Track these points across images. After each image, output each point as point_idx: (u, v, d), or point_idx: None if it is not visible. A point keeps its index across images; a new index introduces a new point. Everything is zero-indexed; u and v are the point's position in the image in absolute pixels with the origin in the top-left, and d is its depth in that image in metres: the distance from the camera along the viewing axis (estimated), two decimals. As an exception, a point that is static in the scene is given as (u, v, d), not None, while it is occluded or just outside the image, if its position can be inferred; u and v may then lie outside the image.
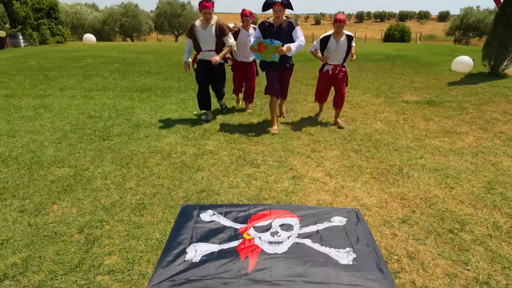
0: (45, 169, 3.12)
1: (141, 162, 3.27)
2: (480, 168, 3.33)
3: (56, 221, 2.35)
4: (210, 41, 4.10)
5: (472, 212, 2.57)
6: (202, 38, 4.09)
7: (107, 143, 3.75)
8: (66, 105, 5.30)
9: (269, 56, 3.90)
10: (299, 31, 3.91)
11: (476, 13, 27.61)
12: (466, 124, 4.69)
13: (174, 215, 2.44)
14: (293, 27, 3.87)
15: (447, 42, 30.61)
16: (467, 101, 5.97)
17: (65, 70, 8.87)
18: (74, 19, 25.81)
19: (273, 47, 3.77)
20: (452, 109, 5.49)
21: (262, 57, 3.96)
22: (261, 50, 3.88)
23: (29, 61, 10.51)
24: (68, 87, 6.69)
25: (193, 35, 4.10)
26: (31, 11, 15.79)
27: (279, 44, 3.77)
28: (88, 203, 2.57)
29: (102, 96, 5.94)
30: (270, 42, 3.76)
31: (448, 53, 13.50)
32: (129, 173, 3.06)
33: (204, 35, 4.07)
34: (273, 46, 3.77)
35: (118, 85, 6.88)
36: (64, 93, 6.13)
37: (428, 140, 4.08)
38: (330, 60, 4.31)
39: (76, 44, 17.38)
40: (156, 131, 4.14)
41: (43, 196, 2.66)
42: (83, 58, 11.40)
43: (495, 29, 8.46)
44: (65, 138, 3.88)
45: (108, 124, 4.36)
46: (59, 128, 4.22)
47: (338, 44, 4.18)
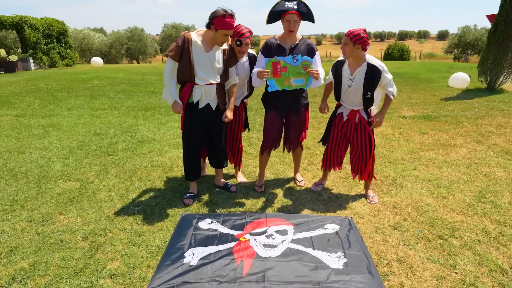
0: (53, 182, 3.27)
1: (143, 176, 3.41)
2: (472, 178, 3.42)
3: (62, 229, 2.47)
4: (214, 71, 2.63)
5: (462, 219, 2.64)
6: (201, 65, 2.57)
7: (111, 158, 3.92)
8: (74, 123, 5.52)
9: (291, 83, 2.64)
10: (319, 60, 2.77)
11: (473, 32, 28.24)
12: (460, 137, 4.79)
13: (174, 223, 2.55)
14: (314, 52, 2.72)
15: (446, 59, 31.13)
16: (463, 116, 6.10)
17: (73, 91, 9.22)
18: (83, 43, 26.78)
19: (299, 66, 2.57)
20: (448, 123, 5.61)
21: (279, 85, 2.64)
22: (277, 73, 2.60)
23: (39, 83, 10.94)
24: (75, 107, 6.96)
25: (186, 57, 2.54)
26: (42, 37, 16.53)
27: (309, 62, 2.59)
28: (92, 213, 2.70)
29: (108, 115, 6.18)
30: (292, 60, 2.57)
31: (446, 70, 13.78)
32: (132, 185, 3.20)
33: (206, 60, 2.57)
34: (298, 65, 2.57)
35: (124, 105, 7.14)
36: (72, 113, 6.39)
37: (423, 153, 4.18)
38: (344, 100, 2.83)
39: (84, 67, 18.02)
40: (159, 147, 4.31)
41: (50, 207, 2.79)
42: (90, 80, 11.83)
43: (489, 47, 8.71)
44: (72, 154, 4.05)
45: (113, 141, 4.55)
46: (67, 145, 4.41)
47: (352, 78, 2.66)
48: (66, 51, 18.36)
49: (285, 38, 2.70)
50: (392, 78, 2.67)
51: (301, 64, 2.57)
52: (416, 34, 76.32)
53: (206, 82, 2.62)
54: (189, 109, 2.71)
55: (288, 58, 2.56)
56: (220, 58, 2.65)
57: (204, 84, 2.62)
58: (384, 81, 2.64)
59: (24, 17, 15.56)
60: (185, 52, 2.55)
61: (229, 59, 2.70)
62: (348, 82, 2.69)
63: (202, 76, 2.60)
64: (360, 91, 2.66)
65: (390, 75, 2.65)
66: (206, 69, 2.60)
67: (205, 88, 2.64)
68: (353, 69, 2.66)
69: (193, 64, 2.56)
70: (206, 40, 2.58)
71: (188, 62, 2.55)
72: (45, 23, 16.81)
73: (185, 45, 2.54)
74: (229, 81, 2.78)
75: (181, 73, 2.61)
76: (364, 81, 2.61)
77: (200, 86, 2.62)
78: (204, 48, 2.58)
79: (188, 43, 2.54)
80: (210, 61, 2.59)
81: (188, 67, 2.56)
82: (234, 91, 2.81)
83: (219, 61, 2.63)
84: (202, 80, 2.62)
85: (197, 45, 2.56)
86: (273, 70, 2.60)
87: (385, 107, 2.74)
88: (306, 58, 2.58)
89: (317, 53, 2.77)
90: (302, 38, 2.73)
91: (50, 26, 17.16)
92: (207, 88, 2.64)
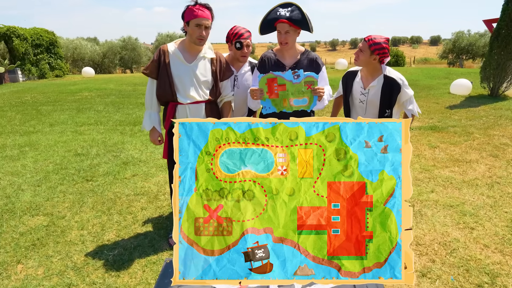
0: (17, 218, 2.80)
1: (124, 207, 2.96)
2: (499, 202, 3.02)
3: (16, 286, 2.01)
4: (200, 85, 2.18)
5: (500, 259, 2.23)
6: (182, 78, 2.14)
7: (90, 184, 3.46)
8: (54, 142, 5.06)
9: (290, 103, 2.10)
10: (326, 77, 2.29)
11: (467, 37, 28.28)
12: (475, 151, 4.42)
13: (156, 274, 2.10)
14: (319, 68, 2.26)
15: (440, 64, 31.17)
16: (471, 126, 5.75)
17: (59, 104, 8.76)
18: (75, 53, 26.36)
19: (301, 84, 2.05)
20: (457, 134, 5.25)
21: (277, 106, 2.14)
22: (273, 92, 2.08)
23: (25, 96, 10.46)
24: (59, 122, 6.50)
25: (164, 71, 2.13)
26: (31, 47, 16.09)
27: (313, 79, 2.06)
28: (57, 261, 2.24)
29: (92, 131, 5.72)
30: (292, 76, 2.04)
31: (445, 76, 13.54)
32: (110, 220, 2.75)
33: (189, 72, 2.14)
34: (300, 82, 2.04)
35: (111, 119, 6.69)
36: (54, 129, 5.92)
37: (437, 171, 3.79)
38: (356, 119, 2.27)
39: (74, 78, 17.56)
40: (145, 169, 3.86)
41: (8, 254, 2.33)
42: (79, 91, 11.37)
43: (491, 52, 8.45)
44: (46, 180, 3.59)
45: (94, 163, 4.09)
46: (42, 168, 3.95)
47: (366, 92, 2.25)
48: (56, 62, 17.91)
49: (283, 52, 2.26)
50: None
51: (303, 81, 2.05)
52: (409, 39, 77.02)
53: (191, 99, 2.18)
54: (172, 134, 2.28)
55: (287, 74, 2.05)
56: (208, 69, 2.19)
57: (189, 102, 2.18)
58: (403, 98, 2.24)
59: (12, 28, 15.12)
60: (162, 66, 2.14)
61: (221, 71, 2.25)
62: (361, 97, 2.28)
63: (185, 93, 2.16)
64: (375, 108, 2.26)
65: (411, 91, 2.25)
66: (189, 83, 2.15)
67: (191, 107, 2.19)
68: (367, 82, 2.24)
69: (172, 78, 2.14)
70: (187, 49, 2.17)
71: (166, 76, 2.13)
72: (34, 33, 16.38)
73: (162, 59, 2.14)
74: (223, 98, 2.34)
75: (161, 91, 2.18)
76: (380, 97, 2.21)
77: (184, 105, 2.18)
78: (185, 58, 2.16)
79: (164, 55, 2.15)
80: (193, 72, 2.15)
81: (168, 83, 2.14)
82: (229, 109, 2.35)
83: (205, 72, 2.19)
84: (185, 98, 2.17)
85: (175, 56, 2.15)
86: (268, 88, 2.08)
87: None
88: (310, 74, 2.07)
89: (323, 69, 2.30)
90: (305, 51, 2.28)
91: (40, 36, 16.73)
92: (193, 108, 2.19)
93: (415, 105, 2.29)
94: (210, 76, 2.22)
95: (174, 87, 2.15)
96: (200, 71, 2.17)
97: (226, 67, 2.30)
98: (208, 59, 2.22)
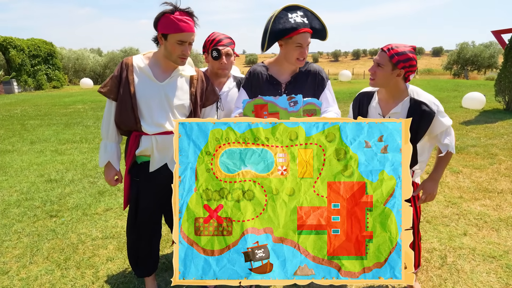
0: (-50, 272, 2.25)
1: (86, 257, 2.39)
2: (551, 251, 2.43)
3: None
4: (173, 110, 1.67)
5: None
6: (149, 101, 1.63)
7: (53, 222, 2.91)
8: (28, 164, 4.53)
9: None
10: (332, 95, 1.83)
11: (472, 48, 27.92)
12: (504, 178, 3.84)
13: None
14: (323, 83, 1.80)
15: (444, 75, 30.72)
16: (493, 145, 5.18)
17: (48, 118, 8.29)
18: (76, 64, 26.23)
19: (299, 113, 1.54)
20: (480, 156, 4.68)
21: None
22: None
23: (15, 109, 10.03)
24: (41, 139, 6.00)
25: (126, 90, 1.62)
26: (28, 58, 15.80)
27: (315, 107, 1.57)
28: None
29: (74, 150, 5.20)
30: (287, 102, 1.54)
31: (453, 88, 13.04)
32: (64, 277, 2.18)
33: (159, 93, 1.64)
34: (298, 111, 1.54)
35: (98, 135, 6.19)
36: (33, 147, 5.42)
37: (466, 204, 3.21)
38: None
39: (72, 89, 17.22)
40: (121, 201, 3.31)
41: None
42: (73, 104, 10.95)
43: (506, 64, 7.99)
44: (3, 215, 3.04)
45: (66, 191, 3.55)
46: (3, 199, 3.41)
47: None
48: (54, 73, 17.62)
49: (282, 66, 1.77)
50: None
51: (302, 110, 1.52)
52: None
53: (160, 129, 1.64)
54: (135, 173, 1.72)
55: (282, 100, 1.54)
56: (185, 91, 1.69)
57: (157, 132, 1.64)
58: (437, 129, 1.67)
59: (9, 38, 14.86)
60: (124, 84, 1.62)
61: (203, 94, 1.74)
62: None
63: (152, 120, 1.63)
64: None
65: (449, 119, 1.70)
66: (158, 107, 1.63)
67: (159, 139, 1.65)
68: (388, 106, 1.71)
69: (136, 101, 1.62)
70: (159, 63, 1.66)
71: (128, 98, 1.61)
72: (31, 44, 16.13)
73: (123, 75, 1.62)
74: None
75: (121, 116, 1.65)
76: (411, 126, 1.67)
77: (150, 136, 1.65)
78: (155, 75, 1.65)
79: (127, 70, 1.63)
80: (165, 94, 1.64)
81: (130, 106, 1.61)
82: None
83: (181, 94, 1.67)
84: (152, 126, 1.64)
85: (143, 72, 1.64)
86: (256, 117, 1.53)
87: (440, 168, 1.75)
88: (311, 101, 1.56)
89: (329, 84, 1.83)
90: (305, 63, 1.79)
91: (37, 47, 16.47)
92: (162, 140, 1.66)
93: (453, 138, 1.73)
94: (187, 99, 1.69)
95: (137, 112, 1.62)
96: (175, 93, 1.66)
97: (210, 89, 1.79)
98: (186, 77, 1.71)
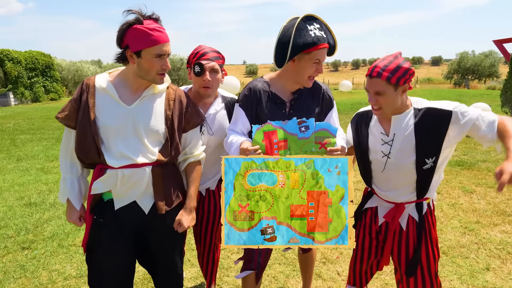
0: None
1: (54, 302, 2.08)
2: None
3: None
4: (142, 138, 1.38)
5: None
6: (114, 128, 1.35)
7: (24, 256, 2.60)
8: (9, 184, 4.24)
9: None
10: (336, 117, 1.67)
11: (472, 57, 27.88)
12: (523, 199, 3.54)
13: None
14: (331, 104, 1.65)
15: (444, 85, 30.65)
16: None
17: (40, 133, 8.04)
18: (76, 76, 26.26)
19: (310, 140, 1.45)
20: (492, 173, 4.38)
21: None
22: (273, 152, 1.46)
23: (8, 122, 9.81)
24: (29, 156, 5.72)
25: (86, 117, 1.34)
26: (24, 70, 15.67)
27: (329, 133, 1.44)
28: None
29: (62, 168, 4.92)
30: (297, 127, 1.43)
31: (456, 99, 12.80)
32: (26, 329, 1.86)
33: (126, 118, 1.36)
34: (309, 137, 1.44)
35: (89, 151, 5.91)
36: (19, 165, 5.13)
37: (485, 231, 2.90)
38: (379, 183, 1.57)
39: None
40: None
41: None
42: (68, 117, 10.72)
43: (511, 74, 7.77)
44: (-29, 247, 2.74)
45: (44, 218, 3.24)
46: (-25, 226, 3.10)
47: (390, 140, 1.46)
48: (52, 85, 17.49)
49: (286, 82, 1.55)
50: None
51: (314, 136, 1.42)
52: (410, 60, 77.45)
53: (127, 161, 1.35)
54: (98, 213, 1.41)
55: (290, 125, 1.40)
56: (159, 114, 1.40)
57: (123, 165, 1.35)
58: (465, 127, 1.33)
59: (5, 51, 14.76)
60: (83, 108, 1.34)
61: (182, 116, 1.46)
62: (383, 148, 1.46)
63: (117, 151, 1.35)
64: (407, 158, 1.42)
65: (475, 111, 1.35)
66: (125, 136, 1.35)
67: (126, 173, 1.35)
68: (389, 123, 1.45)
69: (96, 129, 1.33)
70: (127, 83, 1.38)
71: (88, 125, 1.33)
72: (28, 56, 16.03)
73: (83, 97, 1.35)
74: (187, 156, 1.53)
75: (80, 146, 1.36)
76: (416, 141, 1.39)
77: (116, 170, 1.35)
78: (122, 97, 1.36)
79: (87, 92, 1.35)
80: (133, 119, 1.35)
81: (90, 135, 1.33)
82: (197, 176, 1.54)
83: (154, 119, 1.38)
84: (117, 159, 1.35)
85: (107, 94, 1.36)
86: (266, 145, 1.42)
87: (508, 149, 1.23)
88: (324, 127, 1.42)
89: (335, 105, 1.66)
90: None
91: (35, 59, 16.37)
92: (130, 174, 1.35)
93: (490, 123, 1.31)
94: (162, 124, 1.40)
95: (99, 141, 1.34)
96: (146, 117, 1.37)
97: (192, 109, 1.50)
98: (161, 97, 1.42)
